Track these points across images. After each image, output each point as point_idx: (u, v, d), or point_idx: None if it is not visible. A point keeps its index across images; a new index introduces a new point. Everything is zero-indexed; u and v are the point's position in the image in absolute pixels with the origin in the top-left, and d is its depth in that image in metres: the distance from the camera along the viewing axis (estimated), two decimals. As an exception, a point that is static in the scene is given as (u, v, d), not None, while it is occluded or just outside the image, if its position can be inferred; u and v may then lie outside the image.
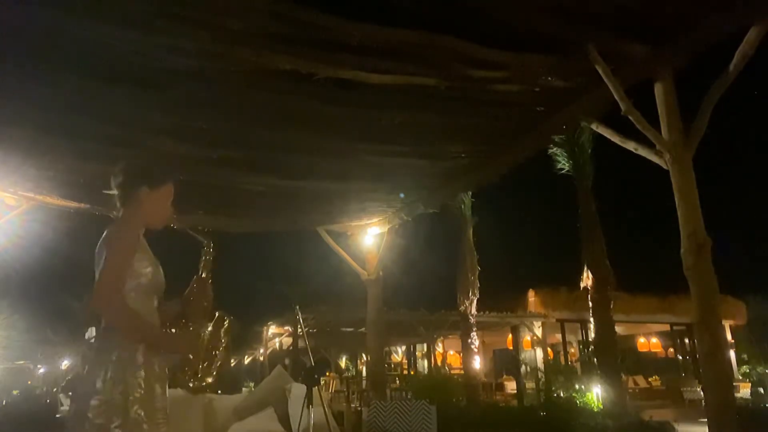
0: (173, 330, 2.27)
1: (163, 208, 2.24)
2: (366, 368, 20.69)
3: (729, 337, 18.19)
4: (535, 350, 18.23)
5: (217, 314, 2.36)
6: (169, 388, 2.11)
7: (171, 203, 2.28)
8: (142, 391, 1.96)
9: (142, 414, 1.94)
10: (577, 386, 11.10)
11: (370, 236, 8.72)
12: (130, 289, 2.05)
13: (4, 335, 21.79)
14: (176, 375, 2.21)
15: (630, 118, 4.18)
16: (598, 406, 10.10)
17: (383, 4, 3.66)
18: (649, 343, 20.67)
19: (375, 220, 8.43)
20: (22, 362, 25.85)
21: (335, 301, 15.35)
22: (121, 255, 2.03)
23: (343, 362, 29.80)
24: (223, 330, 2.35)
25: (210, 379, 2.28)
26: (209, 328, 2.30)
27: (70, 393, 2.06)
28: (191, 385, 2.25)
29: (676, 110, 4.15)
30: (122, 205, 2.19)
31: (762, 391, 16.20)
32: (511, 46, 4.05)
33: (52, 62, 4.00)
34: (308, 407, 3.28)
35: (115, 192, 2.21)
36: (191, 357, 2.25)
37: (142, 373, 1.99)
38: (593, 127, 5.13)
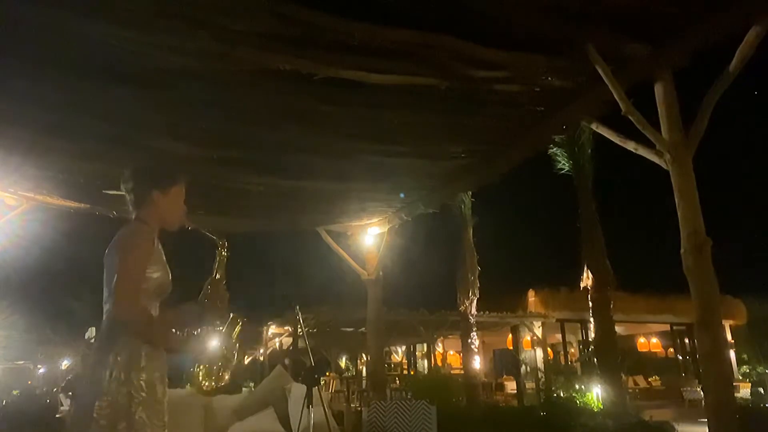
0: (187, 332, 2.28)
1: (176, 208, 2.25)
2: (366, 368, 20.69)
3: (729, 337, 18.19)
4: (535, 350, 18.24)
5: (231, 315, 2.36)
6: (182, 388, 2.12)
7: (183, 203, 2.29)
8: (145, 394, 1.97)
9: (145, 416, 1.95)
10: (577, 386, 11.12)
11: (370, 236, 8.71)
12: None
13: (4, 335, 21.76)
14: (190, 376, 2.23)
15: (630, 118, 4.17)
16: (598, 406, 10.11)
17: (383, 4, 3.65)
18: (649, 343, 20.67)
19: (375, 220, 8.42)
20: (22, 362, 25.85)
21: (335, 301, 15.34)
22: (137, 260, 2.02)
23: (343, 362, 29.78)
24: (235, 331, 2.35)
25: (226, 379, 2.30)
26: (223, 329, 2.31)
27: (71, 393, 2.06)
28: (204, 386, 2.27)
29: (676, 110, 4.14)
30: (136, 208, 2.19)
31: (762, 391, 16.21)
32: (512, 46, 4.05)
33: (52, 62, 3.99)
34: (308, 407, 3.28)
35: (126, 195, 2.21)
36: (202, 358, 2.27)
37: (144, 375, 1.99)
38: (593, 127, 5.12)
